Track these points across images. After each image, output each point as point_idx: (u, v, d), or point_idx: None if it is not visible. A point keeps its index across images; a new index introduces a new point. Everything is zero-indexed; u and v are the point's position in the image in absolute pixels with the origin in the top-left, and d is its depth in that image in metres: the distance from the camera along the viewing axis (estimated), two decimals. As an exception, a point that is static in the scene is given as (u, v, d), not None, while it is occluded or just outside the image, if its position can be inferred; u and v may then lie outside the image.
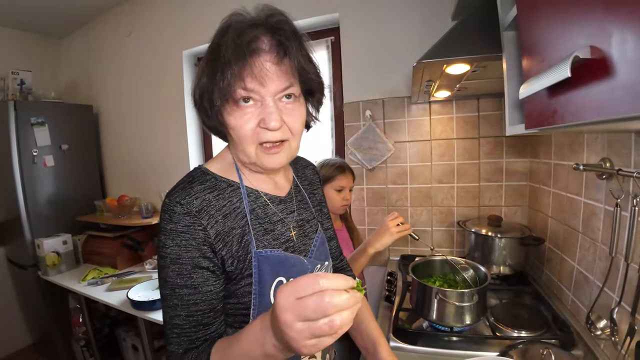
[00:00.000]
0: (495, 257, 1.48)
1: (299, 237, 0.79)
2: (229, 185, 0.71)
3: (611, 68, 0.42)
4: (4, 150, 2.38)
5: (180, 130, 2.51)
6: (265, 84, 0.62)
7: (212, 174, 0.71)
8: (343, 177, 1.47)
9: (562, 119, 0.54)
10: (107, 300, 1.86)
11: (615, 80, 0.42)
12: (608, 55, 0.42)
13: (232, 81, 0.60)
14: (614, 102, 0.42)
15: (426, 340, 1.14)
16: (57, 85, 3.14)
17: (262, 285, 0.68)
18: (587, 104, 0.48)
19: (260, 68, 0.61)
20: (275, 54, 0.62)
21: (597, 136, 1.04)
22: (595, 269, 1.06)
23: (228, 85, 0.61)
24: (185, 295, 0.64)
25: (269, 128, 0.63)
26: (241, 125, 0.64)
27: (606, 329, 0.96)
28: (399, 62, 1.80)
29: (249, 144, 0.66)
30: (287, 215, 0.78)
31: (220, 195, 0.68)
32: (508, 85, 0.91)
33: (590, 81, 0.46)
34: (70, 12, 2.74)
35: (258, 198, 0.74)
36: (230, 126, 0.66)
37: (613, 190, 0.92)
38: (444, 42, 1.10)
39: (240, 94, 0.62)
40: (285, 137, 0.67)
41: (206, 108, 0.66)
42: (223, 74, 0.60)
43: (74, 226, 2.58)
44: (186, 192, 0.66)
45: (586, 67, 0.46)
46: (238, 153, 0.70)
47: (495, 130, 1.71)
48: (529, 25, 0.70)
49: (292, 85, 0.65)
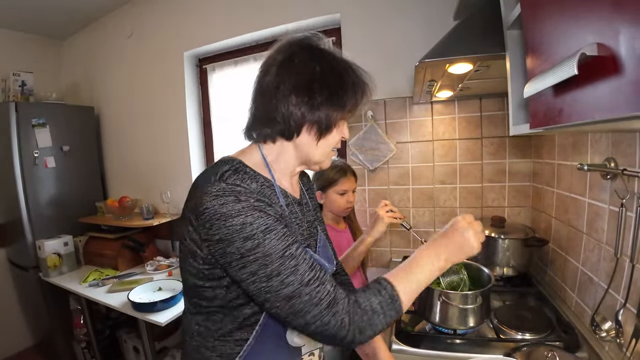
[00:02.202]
0: (498, 258, 1.46)
1: (309, 238, 0.83)
2: (265, 181, 0.72)
3: (619, 65, 0.41)
4: (5, 152, 2.37)
5: (182, 131, 2.50)
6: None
7: (250, 167, 0.72)
8: (345, 180, 1.46)
9: (568, 118, 0.54)
10: (108, 301, 1.85)
11: (623, 78, 0.41)
12: (616, 52, 0.41)
13: (356, 108, 0.76)
14: (622, 101, 0.42)
15: (429, 343, 1.13)
16: (59, 87, 3.14)
17: None
18: (595, 103, 0.47)
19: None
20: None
21: (601, 136, 1.03)
22: (600, 270, 1.04)
23: (354, 108, 0.76)
24: (296, 251, 0.63)
25: (345, 137, 0.82)
26: (339, 135, 0.78)
27: (611, 330, 0.95)
28: (401, 62, 1.79)
29: (329, 154, 0.80)
30: (303, 215, 0.83)
31: (260, 190, 0.69)
32: (512, 85, 0.91)
33: (598, 79, 0.46)
34: (72, 14, 2.74)
35: (287, 197, 0.77)
36: (332, 131, 0.75)
37: (618, 190, 0.91)
38: (446, 41, 1.10)
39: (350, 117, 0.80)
40: None
41: (321, 104, 0.71)
42: (355, 100, 0.74)
43: (75, 227, 2.58)
44: (239, 176, 0.66)
45: (593, 64, 0.45)
46: (312, 152, 0.76)
47: (498, 130, 1.70)
48: (533, 23, 0.69)
49: None
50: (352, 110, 0.74)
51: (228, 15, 2.19)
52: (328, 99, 0.70)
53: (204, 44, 2.34)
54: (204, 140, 2.62)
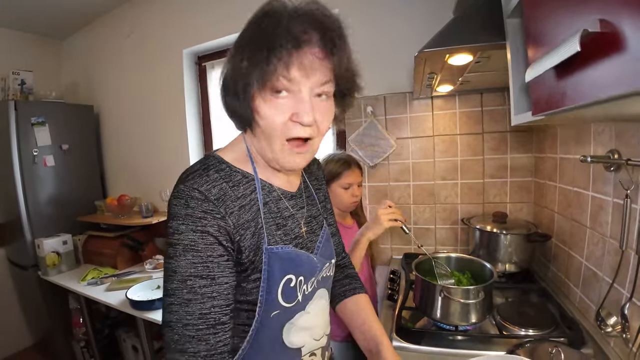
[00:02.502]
0: (500, 254, 1.44)
1: (308, 234, 0.78)
2: (244, 177, 0.69)
3: (622, 41, 0.40)
4: (5, 150, 2.37)
5: (181, 129, 2.49)
6: (310, 76, 0.60)
7: (227, 163, 0.68)
8: (350, 173, 1.41)
9: (572, 99, 0.52)
10: (107, 300, 1.84)
11: (627, 54, 0.39)
12: (618, 27, 0.40)
13: (278, 67, 0.57)
14: (626, 77, 0.40)
15: (430, 340, 1.11)
16: (58, 86, 3.13)
17: (270, 283, 0.66)
18: (598, 82, 0.46)
19: (309, 62, 0.59)
20: (323, 50, 0.61)
21: (604, 128, 1.01)
22: (604, 265, 1.02)
23: (273, 71, 0.58)
24: (199, 288, 0.58)
25: (302, 122, 0.61)
26: (274, 116, 0.62)
27: (617, 325, 0.92)
28: (400, 58, 1.77)
29: (276, 137, 0.63)
30: (297, 211, 0.77)
31: (235, 186, 0.66)
32: (513, 74, 0.89)
33: (601, 57, 0.44)
34: (71, 13, 2.74)
35: (271, 192, 0.72)
36: (261, 115, 0.63)
37: (623, 181, 0.89)
38: (446, 31, 1.08)
39: (281, 83, 0.60)
40: (313, 135, 0.65)
41: (238, 93, 0.62)
42: (268, 59, 0.57)
43: (74, 226, 2.57)
44: (203, 179, 0.62)
45: (595, 42, 0.43)
46: (262, 145, 0.67)
47: (499, 125, 1.68)
48: (533, 9, 0.68)
49: (329, 82, 0.64)
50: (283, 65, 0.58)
51: (227, 12, 2.17)
52: (250, 55, 0.59)
53: (203, 41, 2.33)
54: (203, 137, 2.61)
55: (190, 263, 0.58)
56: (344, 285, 0.95)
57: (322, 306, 0.78)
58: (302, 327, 0.73)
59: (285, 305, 0.68)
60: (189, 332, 0.57)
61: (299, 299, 0.70)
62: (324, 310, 0.80)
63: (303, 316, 0.72)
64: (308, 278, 0.72)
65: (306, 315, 0.73)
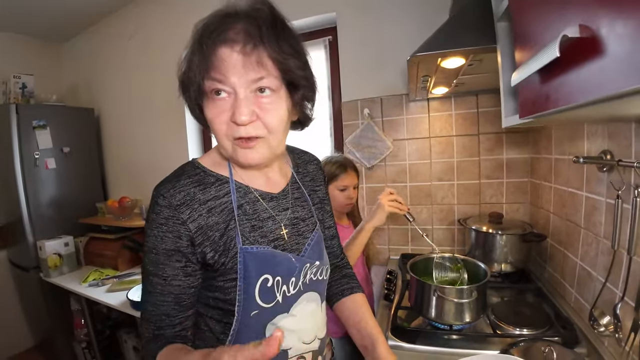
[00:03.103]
0: (496, 254, 1.45)
1: (292, 236, 0.76)
2: (217, 180, 0.70)
3: (601, 46, 0.41)
4: (6, 153, 2.39)
5: (181, 132, 2.51)
6: (228, 74, 0.59)
7: (202, 168, 0.71)
8: (345, 175, 1.43)
9: (555, 103, 0.53)
10: (108, 301, 1.85)
11: (606, 58, 0.40)
12: (597, 33, 0.41)
13: (197, 72, 0.60)
14: (606, 81, 0.41)
15: (425, 339, 1.12)
16: (59, 89, 3.15)
17: (247, 282, 0.66)
18: (580, 85, 0.47)
19: (223, 59, 0.59)
20: (244, 43, 0.58)
21: (597, 128, 1.02)
22: (598, 265, 1.03)
23: (199, 76, 0.60)
24: (156, 285, 0.66)
25: (236, 122, 0.61)
26: (214, 118, 0.63)
27: (610, 325, 0.93)
28: (397, 60, 1.78)
29: (223, 138, 0.64)
30: (279, 212, 0.76)
31: (206, 189, 0.68)
32: (503, 77, 0.91)
33: (581, 61, 0.45)
34: (72, 16, 2.76)
35: (248, 193, 0.73)
36: (207, 117, 0.64)
37: (614, 182, 0.90)
38: (438, 35, 1.09)
39: (209, 86, 0.61)
40: (259, 134, 0.63)
41: (188, 101, 0.66)
42: (190, 64, 0.61)
43: (76, 228, 2.59)
44: (171, 184, 0.66)
45: (576, 46, 0.44)
46: (219, 145, 0.69)
47: (494, 126, 1.69)
48: (520, 13, 0.69)
49: (264, 78, 0.61)
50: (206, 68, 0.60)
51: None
52: (186, 63, 0.63)
53: (203, 44, 2.34)
54: (203, 140, 2.62)
55: (151, 262, 0.66)
56: (342, 285, 0.96)
57: (310, 310, 0.77)
58: (287, 329, 0.71)
59: (263, 305, 0.68)
60: (144, 315, 0.69)
61: (279, 299, 0.69)
62: (314, 314, 0.78)
63: (287, 318, 0.72)
64: (286, 278, 0.71)
65: (291, 318, 0.72)
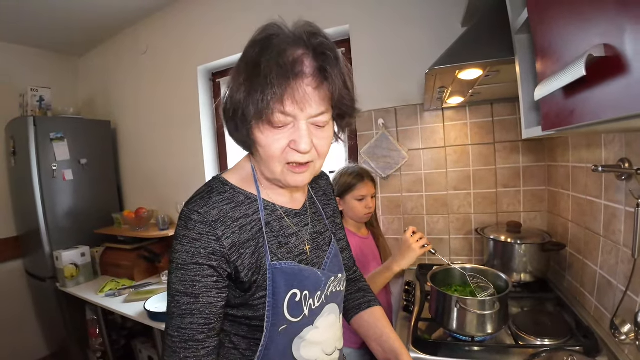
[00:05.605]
0: (515, 264, 1.44)
1: (313, 250, 0.79)
2: (247, 198, 0.72)
3: (626, 65, 0.42)
4: (25, 165, 2.45)
5: (196, 143, 2.55)
6: (304, 109, 0.61)
7: (231, 185, 0.72)
8: (362, 185, 1.45)
9: (580, 118, 0.54)
10: (124, 311, 1.88)
11: (630, 77, 0.41)
12: (622, 52, 0.42)
13: (272, 103, 0.59)
14: (631, 99, 0.42)
15: (447, 351, 1.11)
16: (76, 102, 3.24)
17: (276, 298, 0.68)
18: (605, 102, 0.48)
19: (303, 93, 0.60)
20: (316, 78, 0.61)
21: (614, 136, 1.02)
22: (618, 273, 1.03)
23: (267, 107, 0.59)
24: (183, 304, 0.63)
25: (299, 151, 0.63)
26: (271, 144, 0.64)
27: (630, 333, 0.92)
28: (410, 70, 1.80)
29: (276, 162, 0.66)
30: (301, 228, 0.79)
31: (237, 207, 0.69)
32: (523, 88, 0.91)
33: (606, 79, 0.46)
34: (88, 31, 2.85)
35: (274, 211, 0.75)
36: (259, 144, 0.65)
37: (633, 191, 0.90)
38: (455, 47, 1.11)
39: (277, 118, 0.61)
40: (313, 159, 0.67)
41: (237, 122, 0.66)
42: (263, 94, 0.58)
43: (92, 238, 2.63)
44: (204, 201, 0.67)
45: (601, 65, 0.46)
46: (262, 168, 0.70)
47: (510, 135, 1.69)
48: (541, 27, 0.70)
49: (326, 112, 0.65)
50: (275, 97, 0.59)
51: (239, 30, 2.22)
52: (246, 88, 0.62)
53: (217, 58, 2.40)
54: (218, 150, 2.66)
55: (179, 280, 0.64)
56: (358, 299, 0.96)
57: (331, 321, 0.79)
58: (312, 342, 0.74)
59: (292, 319, 0.70)
60: (167, 342, 0.64)
61: (306, 313, 0.72)
62: (334, 325, 0.80)
63: (312, 331, 0.74)
64: (313, 292, 0.73)
65: (315, 330, 0.74)
